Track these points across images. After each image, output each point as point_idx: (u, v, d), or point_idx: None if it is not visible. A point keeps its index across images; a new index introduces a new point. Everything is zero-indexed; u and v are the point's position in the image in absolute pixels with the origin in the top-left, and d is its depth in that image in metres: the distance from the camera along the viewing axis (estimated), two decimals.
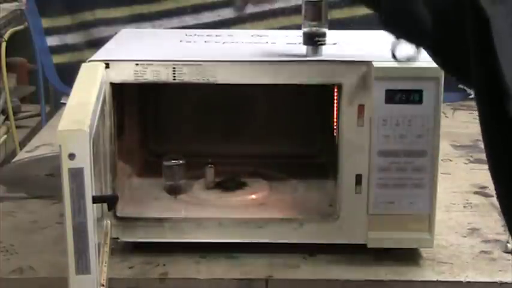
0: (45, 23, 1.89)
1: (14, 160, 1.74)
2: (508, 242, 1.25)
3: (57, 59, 1.91)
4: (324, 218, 1.21)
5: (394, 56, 1.01)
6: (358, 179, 1.17)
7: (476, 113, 0.80)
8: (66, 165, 0.83)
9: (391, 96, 1.14)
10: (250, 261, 1.21)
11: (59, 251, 1.18)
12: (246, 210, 1.27)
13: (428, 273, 1.18)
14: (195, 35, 1.43)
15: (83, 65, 1.12)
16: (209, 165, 1.35)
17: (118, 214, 1.21)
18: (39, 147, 1.74)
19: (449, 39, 0.91)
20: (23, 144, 2.41)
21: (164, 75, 1.17)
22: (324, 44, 1.18)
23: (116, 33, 1.46)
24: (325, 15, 1.18)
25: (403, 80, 1.14)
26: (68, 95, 0.99)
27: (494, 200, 0.99)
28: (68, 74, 1.76)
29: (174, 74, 1.17)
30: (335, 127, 1.22)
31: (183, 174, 1.33)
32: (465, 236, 1.31)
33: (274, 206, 1.29)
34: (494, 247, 1.26)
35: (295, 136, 1.49)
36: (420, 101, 1.14)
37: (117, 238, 1.21)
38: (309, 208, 1.27)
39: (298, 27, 1.19)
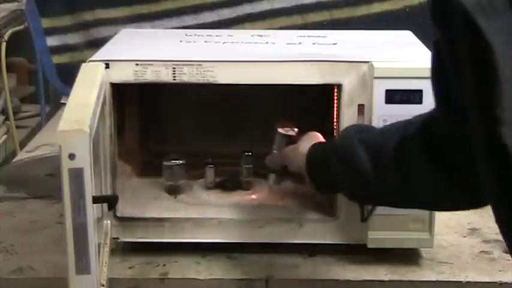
0: (45, 23, 1.89)
1: (14, 160, 1.74)
2: None
3: (57, 59, 1.91)
4: (324, 218, 1.21)
5: None
6: None
7: None
8: (66, 165, 0.83)
9: (391, 96, 1.14)
10: (250, 261, 1.21)
11: (59, 251, 1.18)
12: (246, 210, 1.27)
13: (428, 273, 1.18)
14: (195, 35, 1.43)
15: (83, 65, 1.12)
16: (209, 165, 1.35)
17: (118, 214, 1.21)
18: (39, 147, 1.74)
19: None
20: (23, 144, 2.41)
21: (164, 75, 1.17)
22: None
23: (116, 33, 1.46)
24: None
25: (403, 80, 1.14)
26: (68, 95, 0.99)
27: None
28: (68, 74, 1.75)
29: (174, 74, 1.17)
30: (335, 127, 1.22)
31: (183, 174, 1.33)
32: (465, 236, 1.31)
33: (274, 206, 1.29)
34: (494, 247, 1.26)
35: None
36: (420, 101, 1.14)
37: (117, 238, 1.21)
38: (309, 208, 1.27)
39: (298, 27, 1.20)
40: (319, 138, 1.17)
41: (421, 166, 0.95)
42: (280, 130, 1.28)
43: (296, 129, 1.27)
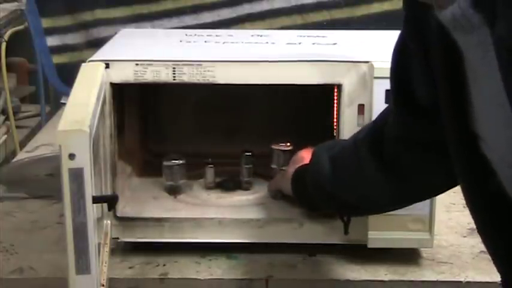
0: (45, 23, 1.89)
1: (14, 160, 1.74)
2: None
3: (57, 59, 1.91)
4: (324, 218, 1.21)
5: None
6: None
7: None
8: (66, 165, 0.83)
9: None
10: (250, 261, 1.21)
11: (59, 251, 1.18)
12: (246, 210, 1.27)
13: (428, 273, 1.18)
14: (195, 35, 1.43)
15: (83, 65, 1.12)
16: (209, 165, 1.35)
17: (118, 214, 1.21)
18: (39, 147, 1.74)
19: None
20: (23, 144, 2.41)
21: (164, 75, 1.17)
22: None
23: (116, 33, 1.46)
24: None
25: None
26: (68, 95, 0.99)
27: None
28: (68, 74, 1.75)
29: (174, 74, 1.17)
30: (335, 127, 1.22)
31: (183, 174, 1.33)
32: (465, 236, 1.31)
33: (274, 206, 1.29)
34: None
35: (295, 136, 1.49)
36: None
37: (117, 238, 1.21)
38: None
39: (298, 27, 1.20)
40: (304, 160, 1.18)
41: (368, 166, 0.98)
42: (275, 147, 1.36)
43: (288, 144, 1.35)
